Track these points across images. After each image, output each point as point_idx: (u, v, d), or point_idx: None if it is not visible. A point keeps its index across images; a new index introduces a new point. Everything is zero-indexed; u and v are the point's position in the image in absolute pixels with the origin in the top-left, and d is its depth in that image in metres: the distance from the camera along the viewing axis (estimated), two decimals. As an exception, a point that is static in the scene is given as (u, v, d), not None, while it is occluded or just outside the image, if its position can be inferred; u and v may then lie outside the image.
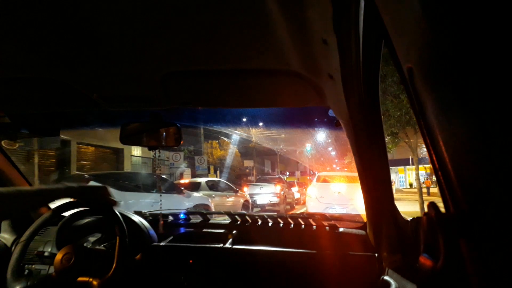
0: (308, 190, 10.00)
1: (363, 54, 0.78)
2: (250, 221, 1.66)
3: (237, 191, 11.14)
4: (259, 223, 1.64)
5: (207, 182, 10.26)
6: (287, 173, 30.14)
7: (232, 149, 23.15)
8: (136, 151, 15.35)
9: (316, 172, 13.10)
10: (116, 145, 14.08)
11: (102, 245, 1.31)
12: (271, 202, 12.62)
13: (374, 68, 0.85)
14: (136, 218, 1.49)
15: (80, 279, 1.13)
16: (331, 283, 1.28)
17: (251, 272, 1.37)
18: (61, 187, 1.12)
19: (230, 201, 10.47)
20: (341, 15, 0.68)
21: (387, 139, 10.50)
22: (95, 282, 1.11)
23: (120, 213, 1.29)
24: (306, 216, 1.61)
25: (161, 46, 0.92)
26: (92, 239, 1.33)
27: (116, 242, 1.22)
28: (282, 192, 13.08)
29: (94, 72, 1.05)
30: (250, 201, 11.80)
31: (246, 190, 12.92)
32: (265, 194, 12.81)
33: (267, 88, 1.26)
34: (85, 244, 1.29)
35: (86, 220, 1.40)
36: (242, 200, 11.18)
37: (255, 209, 12.24)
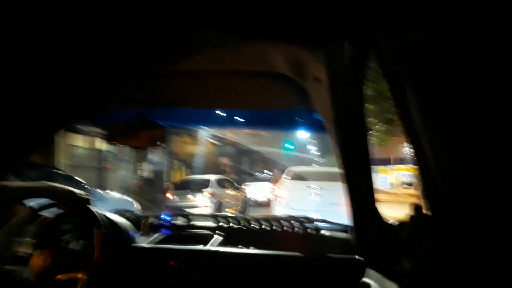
0: (275, 190, 7.89)
1: (350, 57, 0.85)
2: (234, 223, 1.73)
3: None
4: (243, 225, 1.72)
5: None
6: (265, 171, 30.19)
7: (207, 145, 22.76)
8: (78, 140, 13.36)
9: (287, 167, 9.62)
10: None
11: (80, 245, 1.34)
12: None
13: (360, 71, 0.93)
14: (115, 218, 1.53)
15: (59, 276, 1.17)
16: (313, 285, 1.37)
17: (235, 274, 1.44)
18: (38, 185, 1.16)
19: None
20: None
21: (379, 126, 9.70)
22: (79, 275, 1.15)
23: (98, 213, 1.33)
24: (289, 218, 1.70)
25: (148, 47, 0.97)
26: (69, 239, 1.37)
27: (94, 242, 1.27)
28: (216, 201, 10.29)
29: None
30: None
31: (169, 196, 10.57)
32: (193, 205, 9.98)
33: (253, 90, 1.33)
34: (62, 244, 1.33)
35: (64, 219, 1.43)
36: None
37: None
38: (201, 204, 10.11)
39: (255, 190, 13.91)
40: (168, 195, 10.74)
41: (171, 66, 1.10)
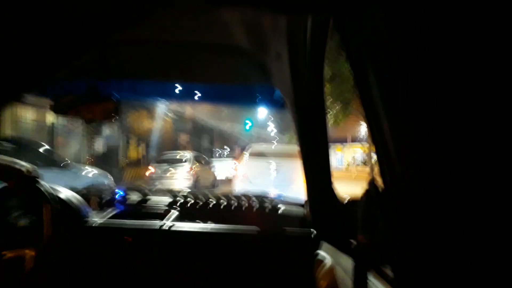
0: (237, 168, 8.45)
1: (311, 32, 0.85)
2: (192, 199, 1.72)
3: None
4: (201, 201, 1.72)
5: None
6: (226, 148, 30.20)
7: (166, 121, 22.26)
8: (27, 113, 12.86)
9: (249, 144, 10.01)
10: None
11: (28, 221, 1.29)
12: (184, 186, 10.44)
13: (320, 49, 0.93)
14: (67, 193, 1.47)
15: (5, 253, 1.12)
16: (269, 257, 1.41)
17: (191, 249, 1.44)
18: None
19: None
20: None
21: (338, 108, 10.41)
22: (27, 252, 1.11)
23: (47, 188, 1.28)
24: (247, 195, 1.72)
25: (101, 13, 0.91)
26: (17, 215, 1.30)
27: (43, 217, 1.22)
28: (194, 174, 11.37)
29: None
30: None
31: (152, 170, 11.41)
32: (174, 177, 10.92)
33: (213, 63, 1.30)
34: (10, 221, 1.26)
35: (10, 194, 1.35)
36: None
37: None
38: (181, 177, 10.91)
39: (219, 167, 14.54)
40: (151, 168, 11.45)
41: (126, 34, 1.04)
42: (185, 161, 11.53)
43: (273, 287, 1.35)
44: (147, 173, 11.47)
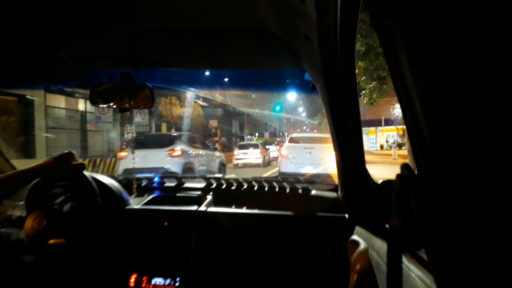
0: (281, 151, 11.61)
1: (340, 13, 0.83)
2: (225, 184, 1.77)
3: None
4: (234, 186, 1.76)
5: None
6: (256, 134, 30.34)
7: (195, 108, 22.64)
8: (57, 101, 13.47)
9: (287, 134, 14.84)
10: (23, 93, 11.95)
11: (73, 208, 1.37)
12: (254, 163, 17.64)
13: (351, 29, 0.91)
14: (108, 181, 1.54)
15: (52, 241, 1.20)
16: (303, 243, 1.43)
17: (226, 234, 1.49)
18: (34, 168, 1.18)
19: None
20: None
21: (372, 85, 10.08)
22: (74, 238, 1.18)
23: (91, 177, 1.34)
24: (280, 180, 1.73)
25: (132, 1, 0.93)
26: (62, 202, 1.38)
27: (87, 205, 1.29)
28: (262, 156, 18.31)
29: (61, 29, 1.04)
30: None
31: (236, 152, 18.15)
32: (251, 157, 17.99)
33: (242, 49, 1.30)
34: (55, 208, 1.34)
35: (56, 183, 1.44)
36: None
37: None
38: (255, 157, 17.63)
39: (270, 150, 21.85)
40: (235, 151, 18.34)
41: (156, 23, 1.06)
42: (257, 147, 18.32)
43: (307, 272, 1.36)
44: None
